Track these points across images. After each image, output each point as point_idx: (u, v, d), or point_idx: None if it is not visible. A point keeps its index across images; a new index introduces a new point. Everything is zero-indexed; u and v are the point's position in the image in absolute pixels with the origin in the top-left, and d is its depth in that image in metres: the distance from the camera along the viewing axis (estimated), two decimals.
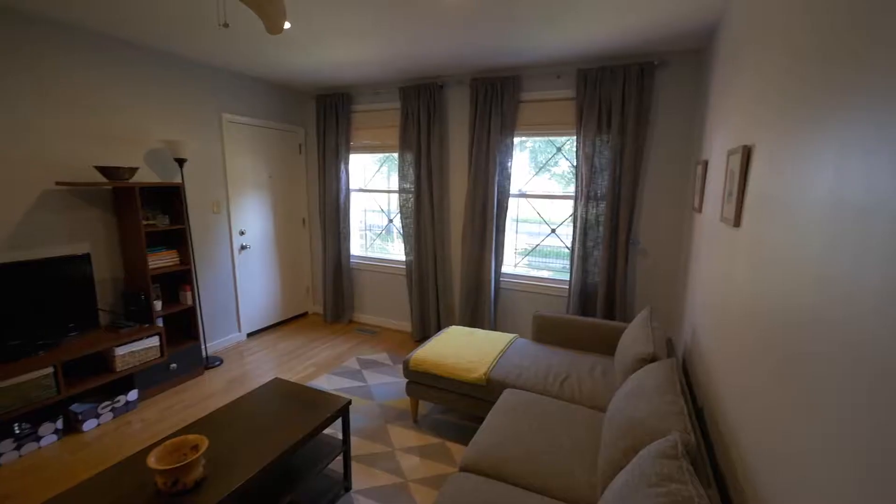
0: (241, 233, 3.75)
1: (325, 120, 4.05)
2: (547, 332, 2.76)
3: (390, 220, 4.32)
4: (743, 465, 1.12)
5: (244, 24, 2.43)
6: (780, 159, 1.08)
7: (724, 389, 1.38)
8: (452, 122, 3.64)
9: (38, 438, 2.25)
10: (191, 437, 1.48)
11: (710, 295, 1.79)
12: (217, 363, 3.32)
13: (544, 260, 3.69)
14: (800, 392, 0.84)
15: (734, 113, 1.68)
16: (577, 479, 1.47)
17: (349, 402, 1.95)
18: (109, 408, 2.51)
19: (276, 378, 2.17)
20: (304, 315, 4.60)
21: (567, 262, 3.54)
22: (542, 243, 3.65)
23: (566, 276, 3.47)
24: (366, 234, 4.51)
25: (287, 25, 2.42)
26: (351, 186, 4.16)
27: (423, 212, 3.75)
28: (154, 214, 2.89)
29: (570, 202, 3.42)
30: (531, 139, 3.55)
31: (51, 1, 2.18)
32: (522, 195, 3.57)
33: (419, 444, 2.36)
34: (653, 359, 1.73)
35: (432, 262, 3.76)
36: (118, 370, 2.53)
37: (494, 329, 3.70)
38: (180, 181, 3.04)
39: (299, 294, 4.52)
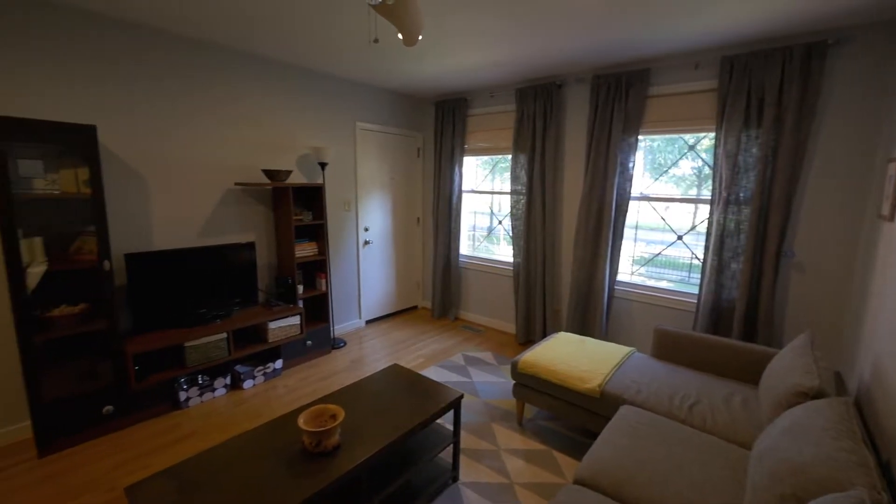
0: (366, 229, 4.16)
1: (442, 124, 4.26)
2: (670, 348, 2.51)
3: (500, 222, 4.36)
4: None
5: (384, 41, 2.69)
6: None
7: None
8: (569, 121, 3.52)
9: (214, 390, 2.79)
10: (330, 406, 1.69)
11: None
12: (341, 344, 3.73)
13: (658, 270, 3.36)
14: None
15: None
16: None
17: (461, 396, 2.03)
18: (262, 372, 3.01)
19: (394, 364, 2.36)
20: (414, 308, 4.90)
21: (687, 274, 3.18)
22: (656, 252, 3.32)
23: (691, 289, 3.11)
24: (473, 235, 4.62)
25: (420, 37, 2.61)
26: (463, 188, 4.30)
27: (533, 214, 3.71)
28: (300, 211, 3.38)
29: (695, 207, 3.07)
30: (651, 138, 3.25)
31: (231, 34, 2.69)
32: (644, 198, 3.29)
33: (524, 447, 2.35)
34: (818, 394, 1.46)
35: (541, 265, 3.70)
36: (270, 341, 3.01)
37: (606, 339, 3.48)
38: (322, 182, 3.49)
39: (410, 288, 4.83)
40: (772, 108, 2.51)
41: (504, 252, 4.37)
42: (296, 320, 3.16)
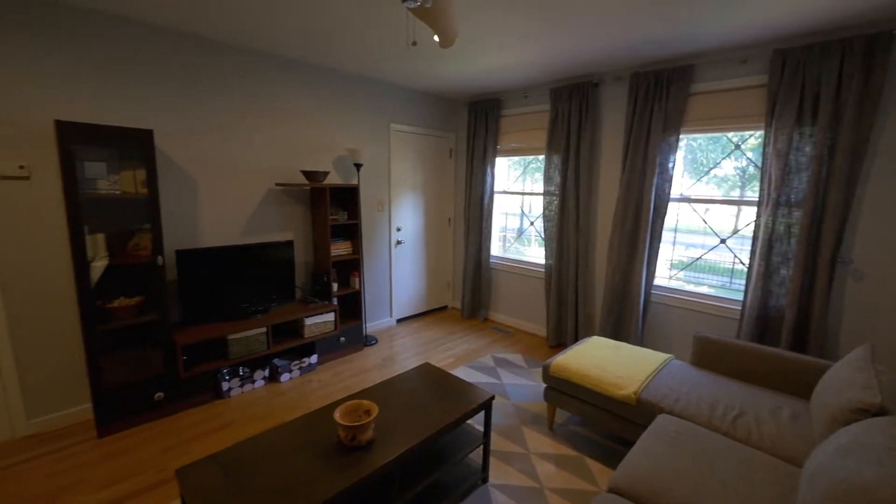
0: (398, 229, 4.22)
1: (475, 125, 4.26)
2: (711, 357, 2.41)
3: (531, 223, 4.31)
4: None
5: (421, 44, 2.72)
6: None
7: None
8: (605, 121, 3.44)
9: (253, 381, 2.92)
10: (365, 402, 1.73)
11: None
12: (373, 342, 3.81)
13: (697, 275, 3.22)
14: None
15: None
16: None
17: (492, 398, 2.02)
18: (298, 366, 3.11)
19: (426, 363, 2.38)
20: (444, 308, 4.93)
21: (728, 279, 3.04)
22: (696, 256, 3.18)
23: (733, 295, 2.97)
24: (504, 237, 4.59)
25: (455, 39, 2.63)
26: (494, 189, 4.28)
27: (567, 216, 3.64)
28: (336, 211, 3.47)
29: (737, 209, 2.93)
30: (691, 137, 3.13)
31: (279, 44, 2.80)
32: (685, 199, 3.17)
33: (555, 452, 2.31)
34: (880, 412, 1.36)
35: (573, 267, 3.63)
36: (306, 337, 3.12)
37: (641, 345, 3.38)
38: (357, 183, 3.57)
39: (441, 288, 4.86)
40: (828, 104, 2.36)
41: (535, 254, 4.32)
42: (330, 317, 3.25)
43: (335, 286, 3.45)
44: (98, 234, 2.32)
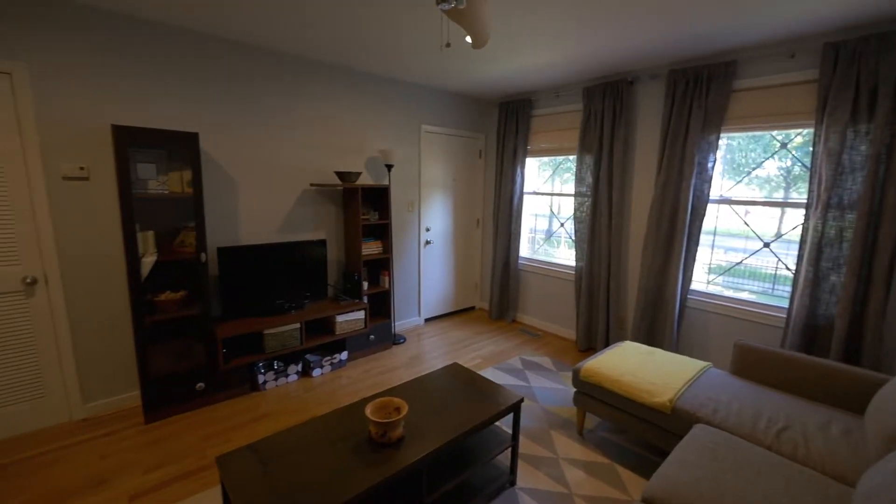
0: (427, 229, 4.26)
1: (505, 125, 4.24)
2: (752, 366, 2.30)
3: (561, 224, 4.25)
4: None
5: (454, 45, 2.74)
6: None
7: None
8: (640, 120, 3.35)
9: (287, 375, 3.02)
10: (395, 399, 1.76)
11: None
12: (401, 340, 3.86)
13: (736, 280, 3.08)
14: None
15: None
16: None
17: (521, 400, 2.01)
18: (329, 362, 3.19)
19: (454, 363, 2.39)
20: (471, 309, 4.93)
21: (770, 285, 2.89)
22: (735, 260, 3.04)
23: (776, 302, 2.83)
24: (533, 238, 4.54)
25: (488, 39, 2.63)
26: (524, 189, 4.24)
27: (599, 217, 3.57)
28: (367, 210, 3.54)
29: (781, 211, 2.79)
30: (732, 136, 2.99)
31: (319, 50, 2.89)
32: (725, 201, 3.04)
33: (585, 458, 2.27)
34: None
35: (605, 270, 3.55)
36: (337, 334, 3.20)
37: (676, 352, 3.26)
38: (388, 183, 3.63)
39: (468, 289, 4.86)
40: (888, 100, 2.21)
41: (564, 255, 4.25)
42: (361, 315, 3.32)
43: (365, 285, 3.52)
44: (148, 232, 2.47)
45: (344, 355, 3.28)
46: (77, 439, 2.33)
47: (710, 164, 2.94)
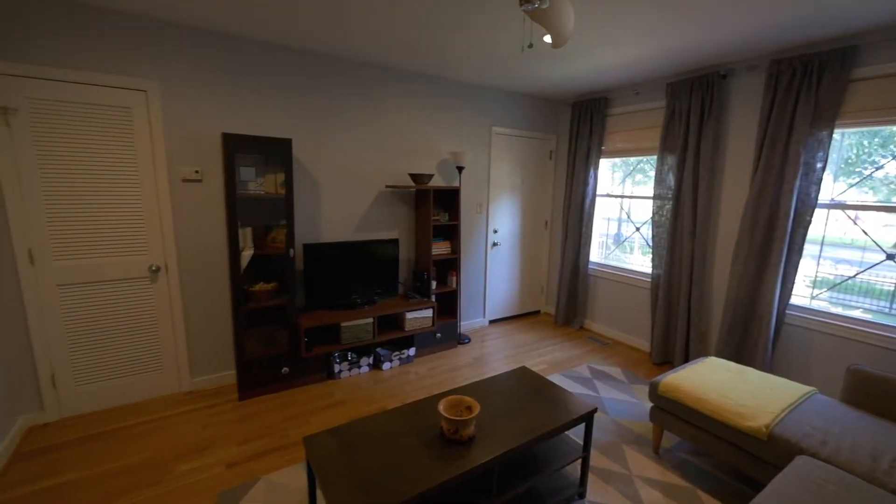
0: (495, 231, 4.26)
1: (578, 126, 4.11)
2: (868, 394, 2.01)
3: (637, 229, 4.02)
4: None
5: (534, 46, 2.72)
6: None
7: None
8: (733, 116, 3.07)
9: (359, 367, 3.19)
10: (466, 398, 1.79)
11: None
12: (466, 340, 3.90)
13: (845, 296, 2.70)
14: None
15: None
16: None
17: (595, 410, 1.94)
18: (398, 357, 3.32)
19: (523, 367, 2.37)
20: (536, 313, 4.84)
21: (888, 304, 2.50)
22: (851, 275, 2.65)
23: None
24: (605, 242, 4.35)
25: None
26: (597, 192, 4.08)
27: (681, 221, 3.33)
28: (438, 211, 3.63)
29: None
30: (846, 132, 2.62)
31: (397, 58, 3.02)
32: (838, 205, 2.68)
33: (662, 479, 2.13)
34: None
35: (687, 278, 3.30)
36: (406, 330, 3.32)
37: (770, 372, 2.94)
38: (458, 185, 3.69)
39: (534, 293, 4.78)
40: None
41: (638, 261, 4.02)
42: (429, 313, 3.41)
43: (434, 284, 3.60)
44: (246, 228, 2.75)
45: (412, 351, 3.39)
46: (184, 409, 2.66)
47: (818, 164, 2.61)
